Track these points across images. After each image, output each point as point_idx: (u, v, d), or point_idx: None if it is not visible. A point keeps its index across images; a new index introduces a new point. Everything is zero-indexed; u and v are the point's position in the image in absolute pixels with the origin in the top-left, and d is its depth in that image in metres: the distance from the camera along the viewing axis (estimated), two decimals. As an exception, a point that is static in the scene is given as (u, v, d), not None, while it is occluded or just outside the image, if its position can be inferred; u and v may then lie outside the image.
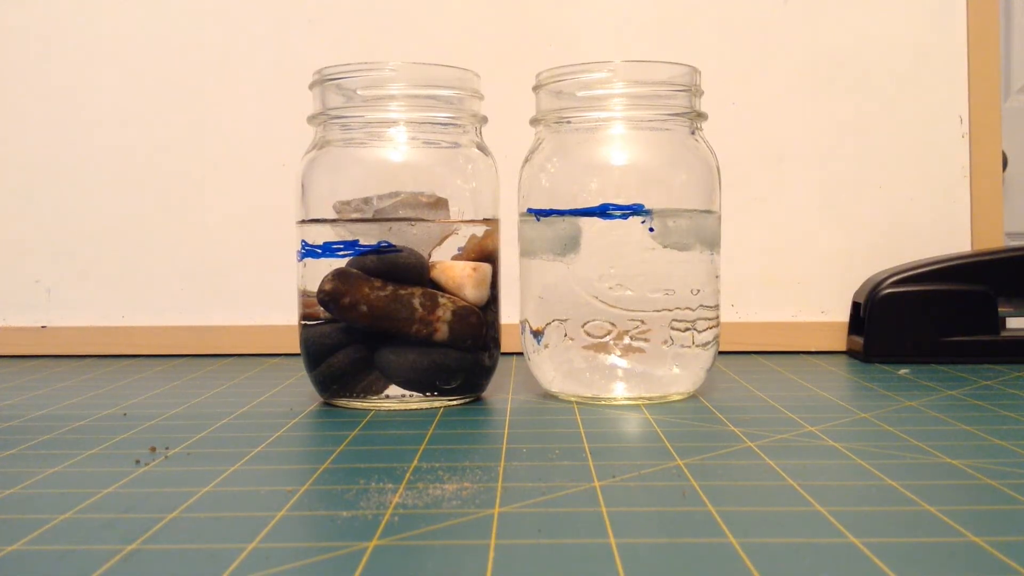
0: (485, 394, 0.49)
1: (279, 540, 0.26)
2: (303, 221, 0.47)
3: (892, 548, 0.25)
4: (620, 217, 0.45)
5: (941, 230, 0.66)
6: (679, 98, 0.47)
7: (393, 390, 0.45)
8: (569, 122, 0.47)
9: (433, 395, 0.45)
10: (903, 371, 0.55)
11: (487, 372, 0.47)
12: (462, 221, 0.47)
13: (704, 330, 0.46)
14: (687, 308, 0.46)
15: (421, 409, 0.45)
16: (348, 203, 0.45)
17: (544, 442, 0.38)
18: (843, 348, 0.65)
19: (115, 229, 0.68)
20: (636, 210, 0.45)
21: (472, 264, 0.46)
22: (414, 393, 0.45)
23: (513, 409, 0.45)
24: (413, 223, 0.45)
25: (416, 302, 0.44)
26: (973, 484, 0.31)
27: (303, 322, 0.47)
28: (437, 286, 0.45)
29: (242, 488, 0.32)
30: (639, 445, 0.38)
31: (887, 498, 0.30)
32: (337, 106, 0.46)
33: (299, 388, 0.52)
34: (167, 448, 0.38)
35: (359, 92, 0.46)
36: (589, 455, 0.36)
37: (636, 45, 0.67)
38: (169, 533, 0.27)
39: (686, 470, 0.33)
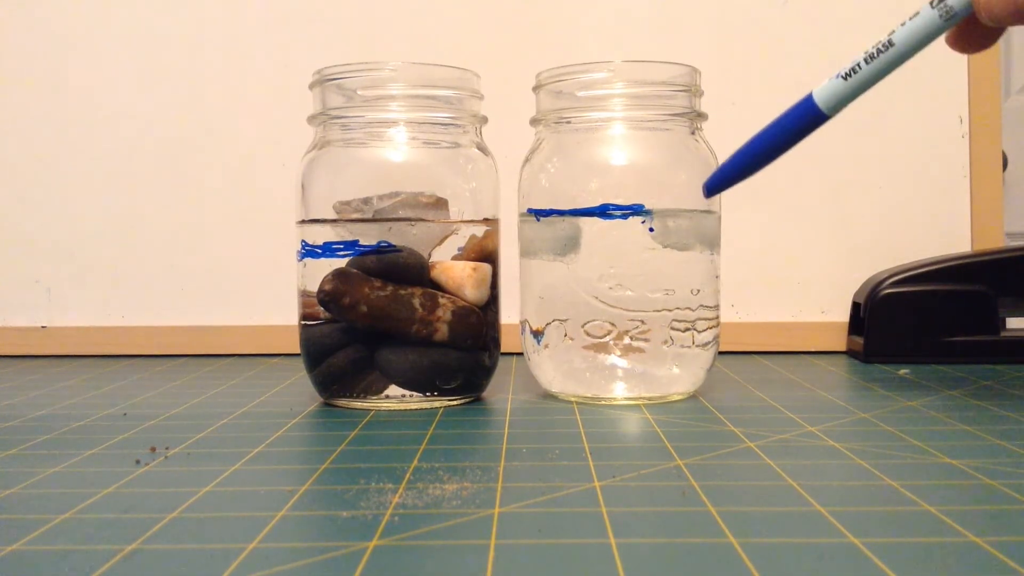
0: (485, 394, 0.49)
1: (279, 540, 0.26)
2: (303, 221, 0.47)
3: (892, 548, 0.25)
4: (620, 217, 0.45)
5: (941, 230, 0.66)
6: (679, 98, 0.47)
7: (393, 390, 0.45)
8: (569, 122, 0.47)
9: (433, 395, 0.45)
10: (903, 371, 0.55)
11: (487, 372, 0.47)
12: (462, 221, 0.46)
13: (704, 330, 0.46)
14: (687, 308, 0.46)
15: (421, 409, 0.45)
16: (348, 203, 0.45)
17: (544, 442, 0.38)
18: (843, 348, 0.65)
19: (115, 229, 0.68)
20: (636, 210, 0.45)
21: (472, 264, 0.46)
22: (414, 393, 0.45)
23: (513, 409, 0.45)
24: (413, 223, 0.45)
25: (416, 302, 0.44)
26: (973, 484, 0.31)
27: (303, 322, 0.47)
28: (437, 286, 0.45)
29: (242, 488, 0.32)
30: (639, 445, 0.38)
31: (887, 498, 0.30)
32: (337, 106, 0.46)
33: (299, 388, 0.52)
34: (167, 448, 0.38)
35: (359, 92, 0.46)
36: (589, 455, 0.36)
37: (636, 45, 0.67)
38: (169, 533, 0.27)
39: (686, 470, 0.33)
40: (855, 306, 0.63)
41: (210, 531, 0.27)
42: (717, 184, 0.36)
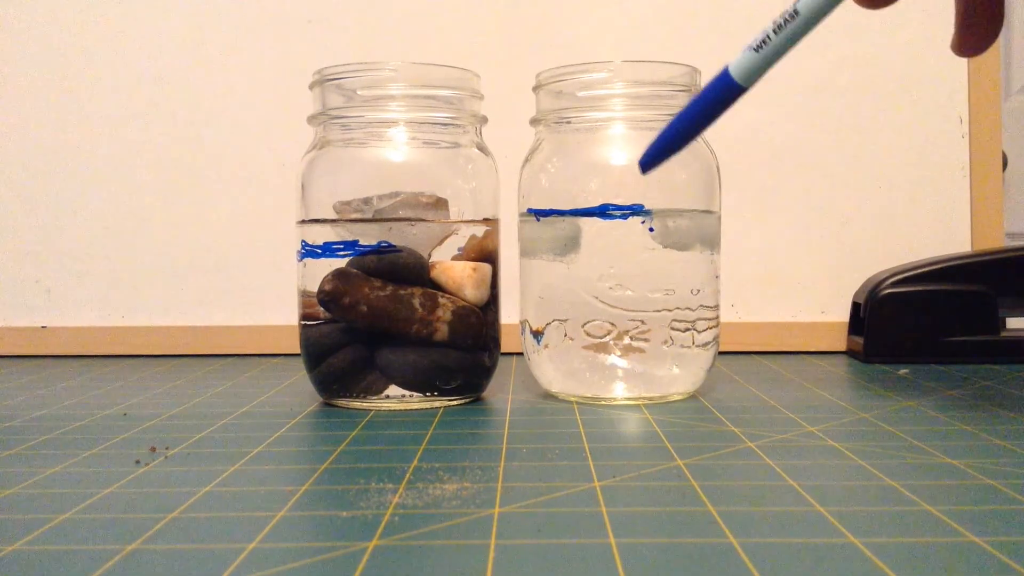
0: (485, 394, 0.49)
1: (279, 540, 0.26)
2: (303, 221, 0.47)
3: (892, 548, 0.25)
4: (620, 217, 0.45)
5: (941, 230, 0.66)
6: (679, 98, 0.47)
7: (393, 390, 0.45)
8: (569, 122, 0.47)
9: (433, 395, 0.45)
10: (903, 371, 0.55)
11: (487, 372, 0.47)
12: (462, 221, 0.47)
13: (704, 330, 0.46)
14: (687, 308, 0.46)
15: (421, 409, 0.45)
16: (348, 203, 0.45)
17: (544, 442, 0.38)
18: (843, 348, 0.65)
19: (115, 229, 0.68)
20: (636, 210, 0.45)
21: (472, 264, 0.46)
22: (414, 393, 0.45)
23: (513, 409, 0.45)
24: (413, 223, 0.45)
25: (416, 302, 0.44)
26: (973, 484, 0.31)
27: (303, 322, 0.47)
28: (437, 286, 0.45)
29: (242, 488, 0.32)
30: (639, 445, 0.38)
31: (887, 498, 0.30)
32: (337, 106, 0.46)
33: (299, 388, 0.52)
34: (167, 448, 0.38)
35: (359, 92, 0.46)
36: (589, 455, 0.36)
37: (636, 45, 0.67)
38: (169, 533, 0.27)
39: (686, 470, 0.33)
40: (855, 306, 0.63)
41: (210, 531, 0.27)
42: (650, 162, 0.37)
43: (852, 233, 0.66)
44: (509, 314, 0.51)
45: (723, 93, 0.36)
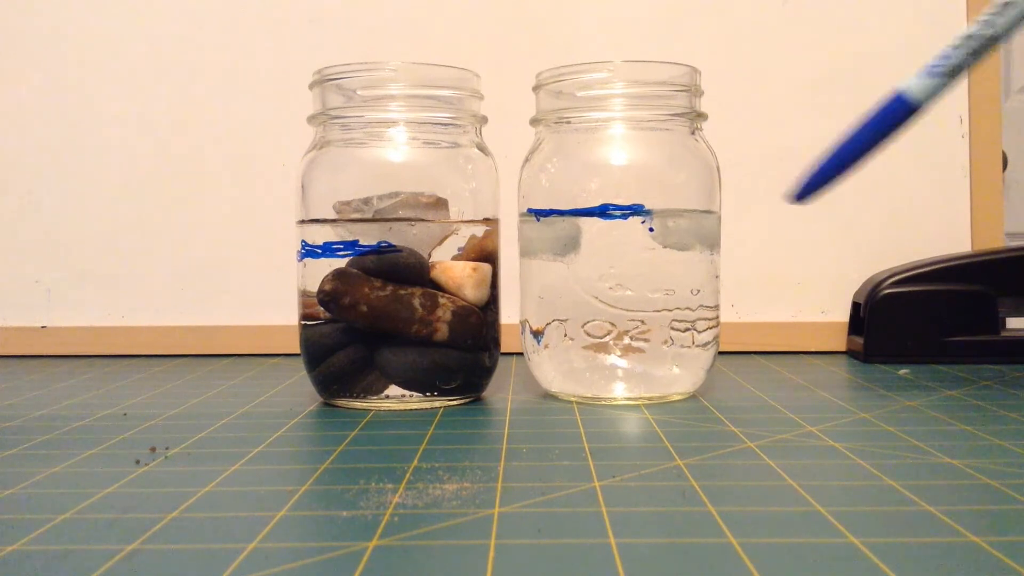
0: (485, 394, 0.49)
1: (279, 540, 0.26)
2: (303, 221, 0.47)
3: (892, 548, 0.25)
4: (620, 217, 0.45)
5: (941, 230, 0.66)
6: (679, 98, 0.47)
7: (393, 390, 0.45)
8: (569, 122, 0.47)
9: (433, 395, 0.45)
10: (903, 371, 0.55)
11: (487, 372, 0.47)
12: (462, 221, 0.47)
13: (704, 330, 0.46)
14: (687, 308, 0.46)
15: (421, 409, 0.45)
16: (348, 203, 0.45)
17: (544, 442, 0.38)
18: (843, 348, 0.65)
19: (115, 229, 0.68)
20: (636, 210, 0.45)
21: (472, 264, 0.46)
22: (414, 393, 0.45)
23: (513, 409, 0.45)
24: (413, 223, 0.45)
25: (416, 302, 0.44)
26: (973, 484, 0.31)
27: (303, 322, 0.47)
28: (437, 286, 0.45)
29: (242, 488, 0.32)
30: (639, 445, 0.38)
31: (887, 498, 0.30)
32: (337, 106, 0.46)
33: (299, 388, 0.52)
34: (167, 448, 0.38)
35: (359, 92, 0.46)
36: (589, 455, 0.36)
37: (636, 45, 0.67)
38: (169, 533, 0.27)
39: (686, 470, 0.33)
40: (855, 306, 0.63)
41: (210, 531, 0.27)
42: (808, 192, 0.35)
43: (852, 233, 0.66)
44: (509, 314, 0.51)
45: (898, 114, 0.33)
